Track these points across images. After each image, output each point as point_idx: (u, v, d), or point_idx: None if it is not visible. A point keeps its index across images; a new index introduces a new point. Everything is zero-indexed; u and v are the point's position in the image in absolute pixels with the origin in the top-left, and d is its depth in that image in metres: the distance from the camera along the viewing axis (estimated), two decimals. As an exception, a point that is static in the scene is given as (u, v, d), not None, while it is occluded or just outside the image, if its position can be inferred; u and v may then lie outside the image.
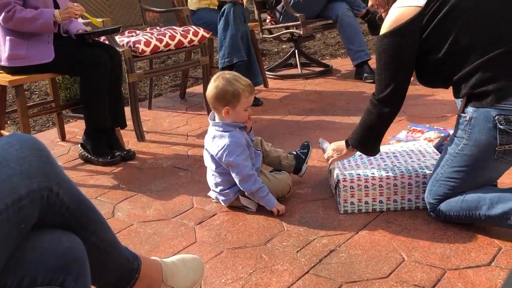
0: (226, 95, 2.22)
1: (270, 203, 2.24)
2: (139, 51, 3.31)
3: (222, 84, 2.23)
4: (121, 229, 2.24)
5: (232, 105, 2.24)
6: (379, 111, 2.06)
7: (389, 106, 2.05)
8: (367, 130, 2.14)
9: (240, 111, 2.27)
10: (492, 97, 1.82)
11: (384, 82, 2.02)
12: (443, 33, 1.89)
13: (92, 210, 1.21)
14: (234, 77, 2.25)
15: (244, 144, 2.27)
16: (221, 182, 2.31)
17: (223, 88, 2.22)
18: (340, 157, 2.28)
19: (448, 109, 3.47)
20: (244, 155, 2.24)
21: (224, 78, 2.24)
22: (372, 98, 2.08)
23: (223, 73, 2.29)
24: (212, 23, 4.00)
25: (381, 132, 2.15)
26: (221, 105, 2.25)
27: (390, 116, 2.08)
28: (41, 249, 1.06)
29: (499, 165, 1.91)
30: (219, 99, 2.24)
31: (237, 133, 2.28)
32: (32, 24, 2.82)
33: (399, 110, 2.08)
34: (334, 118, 3.55)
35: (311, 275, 1.79)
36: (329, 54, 5.86)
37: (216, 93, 2.24)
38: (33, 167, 1.04)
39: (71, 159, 3.20)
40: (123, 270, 1.34)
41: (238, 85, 2.23)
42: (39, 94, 4.98)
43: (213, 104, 2.28)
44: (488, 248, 1.86)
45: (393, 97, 2.03)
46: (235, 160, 2.22)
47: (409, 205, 2.19)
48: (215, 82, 2.25)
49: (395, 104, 2.05)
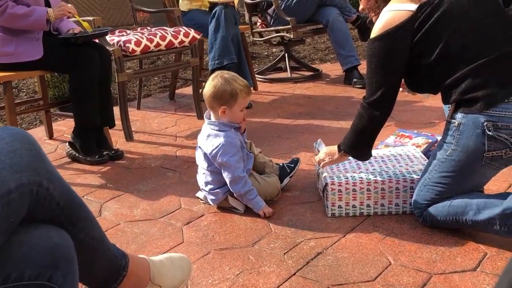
0: (224, 94, 2.23)
1: (258, 205, 2.25)
2: (129, 50, 3.30)
3: (220, 83, 2.24)
4: (108, 228, 2.23)
5: (229, 105, 2.24)
6: (370, 114, 2.06)
7: (380, 110, 2.05)
8: (358, 134, 2.14)
9: (236, 111, 2.27)
10: (481, 103, 1.83)
11: (374, 85, 2.03)
12: (434, 39, 1.90)
13: (81, 207, 1.21)
14: (233, 77, 2.27)
15: (238, 146, 2.27)
16: (211, 181, 2.31)
17: (221, 88, 2.23)
18: (331, 161, 2.28)
19: (436, 115, 3.49)
20: (237, 156, 2.25)
21: (223, 78, 2.25)
22: (363, 102, 2.09)
23: (221, 73, 2.30)
24: (203, 25, 4.00)
25: (372, 136, 2.15)
26: (218, 104, 2.26)
27: (381, 120, 2.09)
28: (29, 244, 1.05)
29: (486, 170, 1.92)
30: (216, 98, 2.24)
31: (232, 133, 2.28)
32: (23, 21, 2.80)
33: (389, 113, 2.08)
34: (323, 122, 3.56)
35: (298, 277, 1.79)
36: (319, 59, 5.88)
37: (214, 92, 2.24)
38: (23, 160, 1.03)
39: (59, 158, 3.18)
40: (110, 268, 1.33)
41: (236, 85, 2.24)
42: (27, 92, 4.94)
43: (210, 103, 2.28)
44: (474, 253, 1.87)
45: (384, 101, 2.04)
46: (228, 160, 2.22)
47: (396, 209, 2.20)
48: (214, 81, 2.26)
49: (385, 107, 2.06)
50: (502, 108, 1.80)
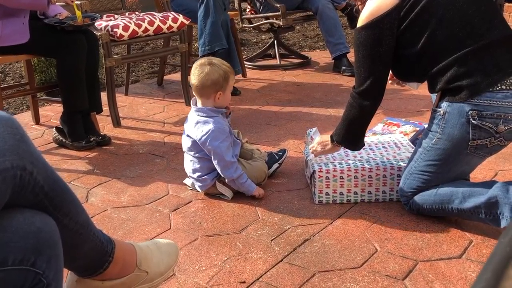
0: (219, 79, 2.24)
1: (251, 187, 2.26)
2: (117, 35, 3.27)
3: (212, 70, 2.24)
4: (95, 214, 2.22)
5: (223, 89, 2.26)
6: (360, 104, 2.05)
7: (370, 100, 2.04)
8: (349, 124, 2.13)
9: (228, 94, 2.30)
10: (466, 92, 1.84)
11: (363, 74, 2.02)
12: (420, 27, 1.90)
13: (66, 191, 1.19)
14: (219, 61, 2.29)
15: (227, 131, 2.28)
16: (199, 168, 2.30)
17: (216, 74, 2.23)
18: (323, 151, 2.27)
19: (423, 104, 3.50)
20: (227, 142, 2.25)
21: (212, 64, 2.25)
22: (352, 92, 2.08)
23: (206, 60, 2.30)
24: (191, 10, 3.96)
25: (364, 126, 2.14)
26: (213, 91, 2.26)
27: (371, 110, 2.08)
28: (13, 229, 1.04)
29: (471, 159, 1.94)
30: (214, 84, 2.24)
31: (220, 119, 2.28)
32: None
33: (379, 103, 2.08)
34: (311, 110, 3.56)
35: (285, 264, 1.79)
36: (308, 46, 5.86)
37: (212, 80, 2.23)
38: (6, 144, 1.02)
39: (45, 143, 3.15)
40: (96, 253, 1.32)
41: (226, 68, 2.26)
42: (14, 77, 4.89)
43: (204, 90, 2.26)
44: (459, 241, 1.89)
45: (373, 90, 2.03)
46: (219, 146, 2.22)
47: (383, 197, 2.21)
48: (205, 69, 2.24)
49: (375, 97, 2.05)
50: (486, 97, 1.81)
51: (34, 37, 2.86)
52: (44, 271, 1.05)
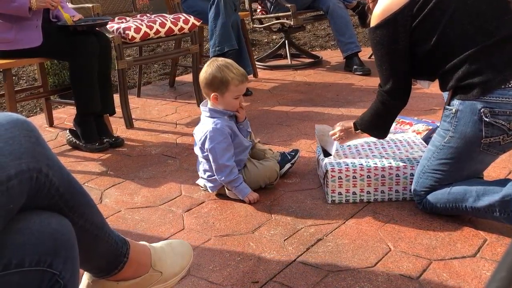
0: (214, 81, 2.22)
1: (243, 192, 2.26)
2: (129, 37, 3.29)
3: (211, 70, 2.23)
4: (109, 215, 2.24)
5: (220, 92, 2.24)
6: (387, 103, 2.08)
7: (397, 99, 2.07)
8: (376, 118, 2.17)
9: (228, 99, 2.26)
10: (478, 90, 1.83)
11: (385, 72, 2.04)
12: (432, 24, 1.89)
13: (81, 193, 1.20)
14: (226, 64, 2.25)
15: (227, 133, 2.25)
16: (209, 169, 2.31)
17: (212, 74, 2.23)
18: (345, 139, 2.32)
19: (436, 102, 3.49)
20: (224, 144, 2.23)
21: (215, 65, 2.24)
22: (379, 90, 2.09)
23: (216, 59, 2.30)
24: (202, 12, 3.98)
25: (390, 121, 2.18)
26: (210, 91, 2.26)
27: (399, 108, 2.12)
28: (29, 230, 1.05)
29: (484, 157, 1.92)
30: (207, 84, 2.25)
31: (222, 120, 2.27)
32: (7, 5, 2.78)
33: (407, 100, 2.10)
34: (323, 110, 3.55)
35: (298, 264, 1.80)
36: (319, 46, 5.86)
37: (205, 78, 2.25)
38: (22, 147, 1.03)
39: (59, 145, 3.18)
40: (111, 254, 1.33)
41: (228, 73, 2.22)
42: (27, 80, 4.93)
43: (203, 89, 2.30)
44: (473, 240, 1.88)
45: (399, 89, 2.05)
46: (214, 147, 2.22)
47: (396, 196, 2.20)
48: (206, 68, 2.26)
49: (402, 96, 2.08)
50: (498, 94, 1.80)
51: (47, 40, 2.89)
52: (60, 272, 1.06)
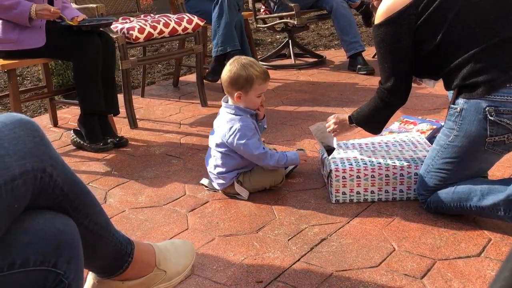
0: (239, 79, 2.24)
1: (295, 161, 2.33)
2: (132, 37, 3.30)
3: (236, 68, 2.25)
4: (113, 215, 2.24)
5: (244, 90, 2.26)
6: (386, 100, 2.10)
7: (396, 97, 2.09)
8: (373, 114, 2.18)
9: (252, 97, 2.29)
10: (483, 89, 1.82)
11: (387, 71, 2.05)
12: (437, 22, 1.89)
13: (85, 193, 1.21)
14: (250, 63, 2.27)
15: (254, 128, 2.30)
16: (221, 165, 2.31)
17: (237, 73, 2.24)
18: (339, 132, 2.36)
19: (440, 101, 3.48)
20: (255, 138, 2.27)
21: (240, 63, 2.26)
22: (380, 87, 2.11)
23: (239, 58, 2.32)
24: (205, 12, 3.98)
25: (387, 118, 2.21)
26: (233, 90, 2.27)
27: (397, 106, 2.15)
28: (34, 230, 1.05)
29: (489, 156, 1.92)
30: (232, 83, 2.26)
31: (247, 118, 2.30)
32: (7, 13, 2.80)
33: (406, 99, 2.12)
34: (327, 109, 3.55)
35: (302, 263, 1.79)
36: (323, 45, 5.85)
37: (230, 77, 2.26)
38: (27, 147, 1.03)
39: (63, 145, 3.19)
40: (116, 254, 1.34)
41: (252, 71, 2.25)
42: (31, 80, 4.95)
43: (226, 87, 2.30)
44: (478, 239, 1.87)
45: (399, 88, 2.06)
46: (246, 143, 2.24)
47: (400, 195, 2.20)
48: (230, 66, 2.28)
49: (402, 94, 2.09)
50: (503, 93, 1.80)
51: (51, 41, 2.90)
52: (65, 272, 1.06)
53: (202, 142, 3.06)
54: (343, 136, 2.50)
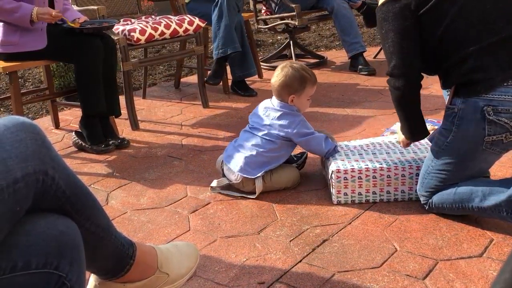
0: (294, 83, 2.32)
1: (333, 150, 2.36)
2: (134, 39, 3.30)
3: (290, 72, 2.33)
4: (115, 216, 2.24)
5: (298, 94, 2.33)
6: (393, 86, 1.96)
7: (400, 77, 1.93)
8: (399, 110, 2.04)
9: (303, 100, 2.37)
10: (481, 87, 1.82)
11: (388, 50, 1.94)
12: (440, 14, 1.87)
13: (87, 195, 1.21)
14: (301, 67, 2.38)
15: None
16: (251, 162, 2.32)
17: (292, 76, 2.32)
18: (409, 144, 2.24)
19: (441, 102, 3.47)
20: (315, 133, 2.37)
21: (292, 67, 2.35)
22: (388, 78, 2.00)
23: (290, 62, 2.41)
24: (205, 14, 3.98)
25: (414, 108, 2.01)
26: (287, 93, 2.34)
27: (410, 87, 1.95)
28: (36, 233, 1.05)
29: (488, 156, 1.92)
30: (287, 86, 2.33)
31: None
32: (9, 16, 2.80)
33: (416, 81, 1.95)
34: (328, 110, 3.55)
35: (304, 264, 1.80)
36: (324, 46, 5.85)
37: (285, 81, 2.33)
38: (28, 150, 1.04)
39: (65, 147, 3.19)
40: (117, 256, 1.34)
41: (305, 74, 2.33)
42: (33, 82, 4.95)
43: (280, 91, 2.36)
44: (480, 240, 1.87)
45: (402, 67, 1.92)
46: (311, 131, 2.34)
47: (402, 196, 2.20)
48: (283, 71, 2.35)
49: (404, 73, 1.93)
50: (501, 92, 1.79)
51: (52, 43, 2.90)
52: (67, 274, 1.06)
53: (203, 144, 3.06)
54: (344, 137, 2.50)
